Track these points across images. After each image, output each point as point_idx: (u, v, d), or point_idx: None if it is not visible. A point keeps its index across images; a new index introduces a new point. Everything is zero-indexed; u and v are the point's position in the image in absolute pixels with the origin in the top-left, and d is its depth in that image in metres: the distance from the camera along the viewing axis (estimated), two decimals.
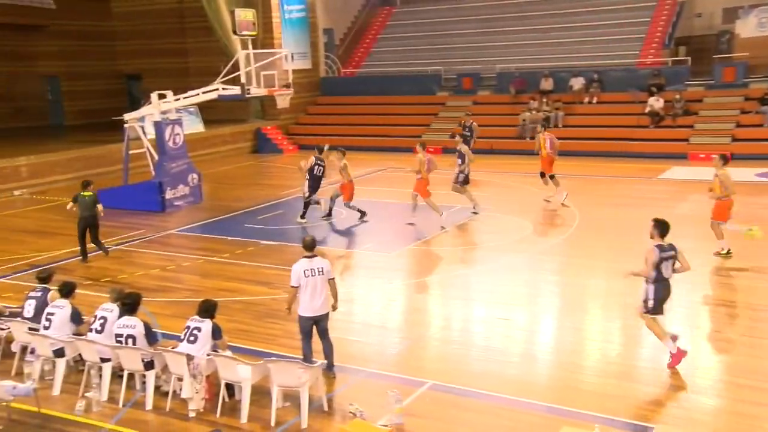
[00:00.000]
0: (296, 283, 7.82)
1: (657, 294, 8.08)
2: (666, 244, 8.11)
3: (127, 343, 7.66)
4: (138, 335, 7.68)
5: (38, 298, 8.73)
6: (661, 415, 7.05)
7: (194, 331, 7.56)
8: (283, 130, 27.88)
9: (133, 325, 7.73)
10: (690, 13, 26.94)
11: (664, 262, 8.03)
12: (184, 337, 7.60)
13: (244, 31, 17.17)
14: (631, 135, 22.81)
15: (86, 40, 31.15)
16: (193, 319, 7.69)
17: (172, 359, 7.46)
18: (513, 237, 13.63)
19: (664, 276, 8.05)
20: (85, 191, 12.90)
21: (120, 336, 7.72)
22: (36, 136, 26.60)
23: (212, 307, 7.72)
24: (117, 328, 7.78)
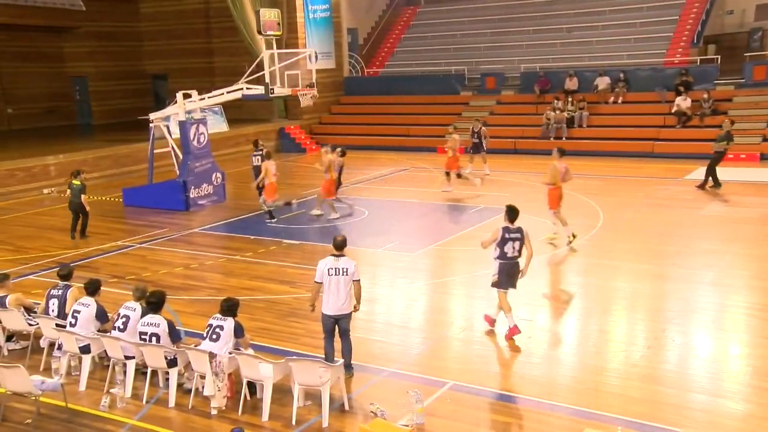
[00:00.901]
0: (320, 279, 7.87)
1: (500, 269, 9.03)
2: (513, 227, 9.00)
3: (151, 341, 7.75)
4: (162, 333, 7.77)
5: (59, 296, 8.87)
6: (685, 419, 6.93)
7: (216, 329, 7.61)
8: (306, 129, 27.99)
9: (156, 324, 7.81)
10: (721, 10, 26.49)
11: (508, 242, 8.94)
12: (206, 336, 7.66)
13: (269, 30, 17.28)
14: (657, 135, 22.51)
15: (114, 41, 31.61)
16: (215, 317, 7.74)
17: (195, 357, 7.53)
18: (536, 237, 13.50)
19: (508, 255, 8.97)
20: (75, 180, 14.37)
21: (144, 334, 7.81)
22: (64, 136, 27.08)
23: (234, 305, 7.76)
24: (141, 326, 7.87)
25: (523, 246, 8.98)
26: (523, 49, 27.62)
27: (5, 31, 28.20)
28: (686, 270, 11.41)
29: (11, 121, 29.48)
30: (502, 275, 9.01)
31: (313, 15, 27.80)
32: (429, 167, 21.96)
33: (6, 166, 19.60)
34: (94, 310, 8.29)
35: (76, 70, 31.27)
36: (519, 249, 8.98)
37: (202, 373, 7.51)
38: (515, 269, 9.05)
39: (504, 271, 9.01)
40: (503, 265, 9.01)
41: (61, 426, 7.29)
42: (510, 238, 8.94)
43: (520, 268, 9.07)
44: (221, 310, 7.72)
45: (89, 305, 8.32)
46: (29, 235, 15.34)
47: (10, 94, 29.39)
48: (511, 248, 8.95)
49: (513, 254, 8.98)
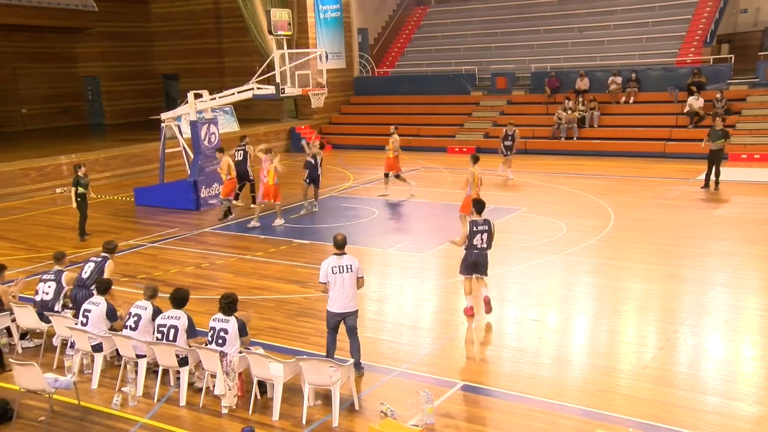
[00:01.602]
0: (324, 279, 7.90)
1: (465, 259, 9.69)
2: (480, 220, 9.65)
3: (169, 334, 7.76)
4: (180, 327, 7.78)
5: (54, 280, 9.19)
6: (698, 421, 6.89)
7: (221, 333, 7.51)
8: (316, 129, 28.03)
9: (177, 317, 7.83)
10: (734, 9, 26.27)
11: (477, 235, 9.58)
12: (212, 341, 7.55)
13: (280, 31, 17.32)
14: (669, 135, 22.37)
15: (126, 41, 31.80)
16: (216, 318, 7.64)
17: (206, 356, 7.56)
18: (547, 237, 13.49)
19: (477, 246, 9.60)
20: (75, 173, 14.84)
21: (163, 326, 7.78)
22: (77, 136, 27.31)
23: (234, 301, 7.68)
24: (161, 318, 7.87)
25: (491, 237, 9.66)
26: (533, 48, 27.53)
27: (19, 32, 28.46)
28: (698, 271, 11.33)
29: (25, 121, 29.73)
30: (466, 264, 9.71)
31: (324, 15, 27.85)
32: (439, 167, 21.93)
33: (20, 165, 19.77)
34: (105, 308, 8.34)
35: (88, 70, 31.50)
36: (487, 240, 9.62)
37: (212, 372, 7.54)
38: (481, 258, 9.69)
39: (469, 261, 9.68)
40: (470, 255, 9.66)
41: (74, 423, 7.35)
42: (478, 230, 9.59)
43: (487, 258, 9.73)
44: (221, 308, 7.64)
45: (100, 304, 8.37)
46: (42, 234, 15.46)
47: (24, 94, 29.64)
48: (480, 240, 9.59)
49: (482, 246, 9.63)
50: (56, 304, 9.21)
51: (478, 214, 9.72)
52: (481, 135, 25.13)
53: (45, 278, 9.35)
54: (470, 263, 9.70)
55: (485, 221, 9.68)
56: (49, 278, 9.31)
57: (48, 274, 9.40)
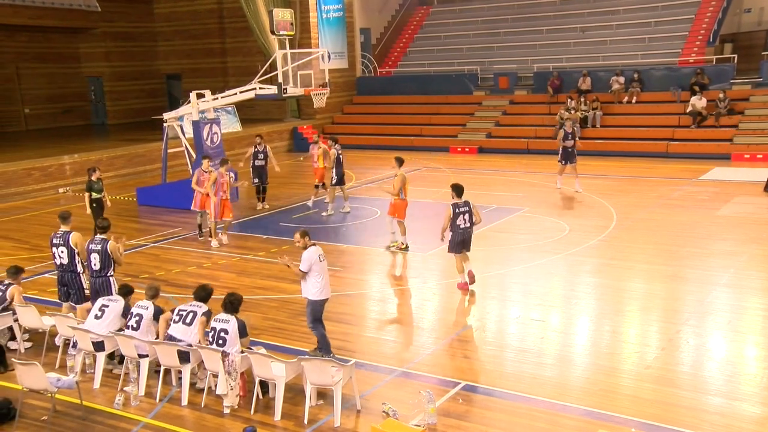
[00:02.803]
0: (307, 268, 8.13)
1: (453, 239, 10.61)
2: (461, 202, 10.55)
3: (186, 318, 7.86)
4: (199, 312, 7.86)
5: (99, 250, 9.00)
6: (700, 422, 6.87)
7: (221, 333, 7.48)
8: (319, 129, 28.03)
9: (226, 320, 7.64)
10: (738, 8, 26.21)
11: (459, 216, 10.51)
12: (212, 341, 7.52)
13: (282, 30, 17.32)
14: (672, 135, 22.34)
15: (129, 42, 31.85)
16: (217, 319, 7.60)
17: (208, 356, 7.56)
18: (549, 237, 13.48)
19: (461, 227, 10.54)
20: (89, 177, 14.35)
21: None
22: (80, 136, 27.36)
23: (238, 301, 7.68)
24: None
25: (473, 216, 10.60)
26: (536, 48, 27.51)
27: (23, 32, 28.53)
28: (701, 271, 11.31)
29: (28, 121, 29.79)
30: (455, 243, 10.62)
31: (326, 15, 27.86)
32: (442, 167, 21.92)
33: (23, 165, 19.81)
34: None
35: (91, 70, 31.56)
36: (470, 220, 10.56)
37: (214, 372, 7.55)
38: (467, 236, 10.66)
39: (456, 240, 10.60)
40: (456, 234, 10.56)
41: (76, 423, 7.36)
42: (460, 212, 10.53)
43: (471, 236, 10.72)
44: (224, 305, 7.61)
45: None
46: (45, 234, 15.41)
47: (27, 94, 29.69)
48: (463, 221, 10.52)
49: (465, 226, 10.55)
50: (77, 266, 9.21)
51: (458, 197, 10.58)
52: (484, 135, 25.13)
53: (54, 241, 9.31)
54: (458, 242, 10.60)
55: (465, 203, 10.57)
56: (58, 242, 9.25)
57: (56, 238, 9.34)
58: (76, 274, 9.26)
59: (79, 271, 9.25)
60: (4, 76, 28.74)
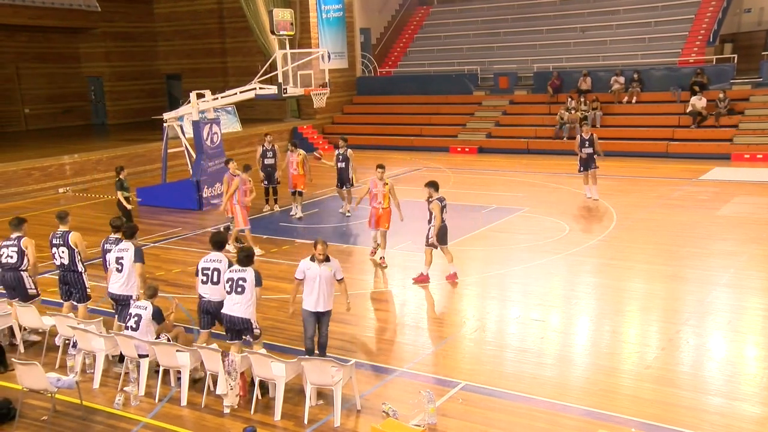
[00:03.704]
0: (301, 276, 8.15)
1: (440, 232, 10.82)
2: (442, 196, 10.87)
3: (213, 276, 8.13)
4: (222, 269, 8.10)
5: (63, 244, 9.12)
6: (700, 422, 6.87)
7: (239, 282, 7.76)
8: (318, 129, 28.05)
9: (219, 260, 8.23)
10: (738, 8, 26.21)
11: (444, 209, 10.82)
12: (231, 290, 7.78)
13: (282, 30, 17.34)
14: (672, 135, 22.34)
15: (129, 42, 31.85)
16: (234, 269, 7.86)
17: (208, 356, 7.57)
18: (549, 237, 13.48)
19: (444, 220, 10.80)
20: (117, 176, 14.53)
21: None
22: (80, 136, 27.35)
23: (252, 254, 8.06)
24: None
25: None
26: (536, 48, 27.51)
27: (23, 32, 28.53)
28: (701, 271, 11.31)
29: (28, 121, 29.79)
30: (441, 236, 10.89)
31: (326, 15, 27.87)
32: (442, 167, 21.92)
33: (23, 165, 19.81)
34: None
35: (91, 70, 31.56)
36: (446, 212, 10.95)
37: (214, 372, 7.55)
38: (447, 229, 11.01)
39: (442, 233, 10.88)
40: (442, 228, 10.85)
41: (76, 423, 7.36)
42: (445, 205, 10.89)
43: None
44: (239, 261, 7.90)
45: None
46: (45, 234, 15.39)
47: (27, 94, 29.69)
48: (445, 214, 10.93)
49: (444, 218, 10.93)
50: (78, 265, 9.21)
51: (436, 192, 10.89)
52: (484, 135, 25.13)
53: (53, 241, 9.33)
54: (442, 235, 10.94)
55: (440, 198, 10.91)
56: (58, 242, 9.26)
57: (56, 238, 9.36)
58: (78, 273, 9.25)
59: (80, 271, 9.24)
60: (4, 76, 28.73)
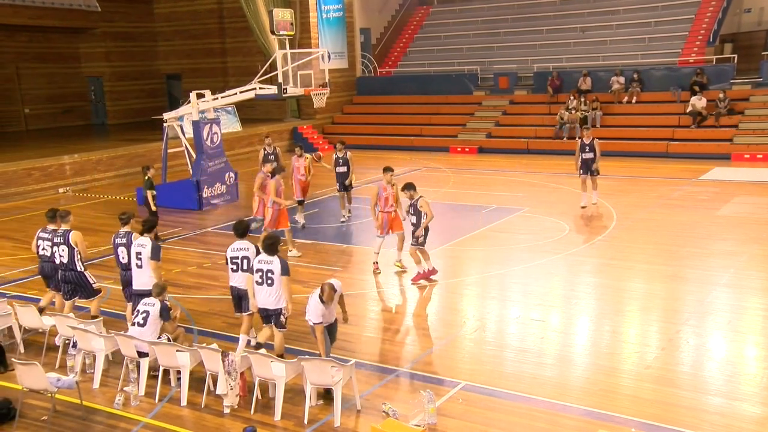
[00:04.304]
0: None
1: (426, 232, 11.08)
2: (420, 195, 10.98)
3: (243, 264, 8.40)
4: (251, 256, 8.33)
5: (125, 243, 9.09)
6: (700, 422, 6.87)
7: (269, 273, 7.90)
8: (318, 129, 28.06)
9: (246, 248, 8.46)
10: (738, 8, 26.21)
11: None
12: (261, 282, 7.92)
13: (282, 30, 17.34)
14: (672, 135, 22.34)
15: (129, 42, 31.86)
16: (261, 260, 7.99)
17: (208, 356, 7.57)
18: (549, 237, 13.48)
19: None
20: (145, 176, 14.61)
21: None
22: (80, 136, 27.37)
23: (277, 241, 8.20)
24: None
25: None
26: (536, 48, 27.52)
27: (23, 32, 28.53)
28: (701, 271, 11.31)
29: (28, 121, 29.79)
30: (426, 236, 11.11)
31: (326, 15, 27.87)
32: (442, 167, 21.92)
33: (23, 165, 19.81)
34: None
35: (91, 70, 31.56)
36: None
37: (214, 372, 7.55)
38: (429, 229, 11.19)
39: (426, 233, 11.12)
40: (427, 228, 11.07)
41: (76, 423, 7.36)
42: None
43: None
44: (265, 249, 8.02)
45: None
46: None
47: (27, 94, 29.69)
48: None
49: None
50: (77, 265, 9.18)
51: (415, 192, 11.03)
52: (484, 135, 25.13)
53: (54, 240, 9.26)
54: (427, 233, 11.15)
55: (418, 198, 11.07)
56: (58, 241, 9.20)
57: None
58: (78, 272, 9.23)
59: (80, 270, 9.23)
60: (4, 76, 28.74)
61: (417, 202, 11.00)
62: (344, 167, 15.22)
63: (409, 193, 11.03)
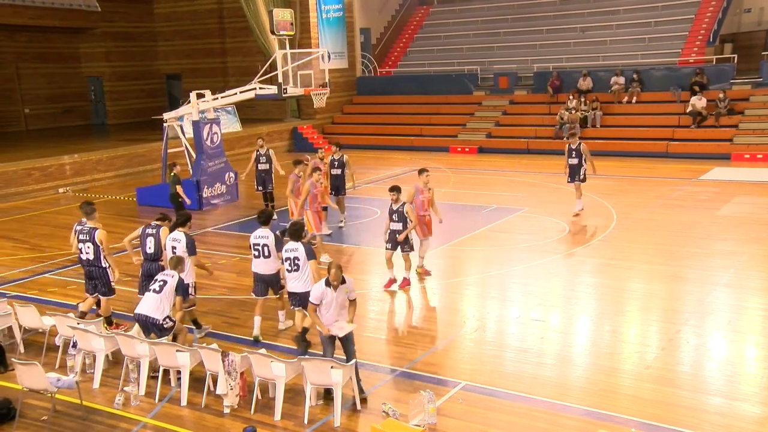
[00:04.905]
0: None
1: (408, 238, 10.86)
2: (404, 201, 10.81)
3: (264, 252, 8.95)
4: (270, 243, 8.91)
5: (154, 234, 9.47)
6: (701, 422, 6.87)
7: (296, 260, 8.39)
8: (318, 129, 28.06)
9: (266, 236, 9.01)
10: (738, 8, 26.21)
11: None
12: (290, 268, 8.41)
13: (282, 30, 17.34)
14: (672, 135, 22.34)
15: (129, 42, 31.85)
16: (287, 249, 8.44)
17: (208, 356, 7.57)
18: (549, 237, 13.48)
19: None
20: (171, 172, 14.75)
21: (257, 245, 8.95)
22: (80, 136, 27.36)
23: (302, 227, 8.84)
24: (253, 238, 9.01)
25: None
26: (536, 48, 27.51)
27: (23, 32, 28.53)
28: (701, 271, 11.31)
29: (28, 121, 29.80)
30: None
31: (326, 15, 27.87)
32: (442, 167, 21.92)
33: (23, 165, 19.81)
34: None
35: (91, 70, 31.56)
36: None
37: (214, 372, 7.55)
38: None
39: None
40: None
41: (76, 423, 7.36)
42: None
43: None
44: (289, 235, 8.63)
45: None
46: (45, 234, 15.49)
47: (27, 94, 29.69)
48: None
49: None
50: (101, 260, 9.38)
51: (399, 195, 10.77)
52: (484, 135, 25.13)
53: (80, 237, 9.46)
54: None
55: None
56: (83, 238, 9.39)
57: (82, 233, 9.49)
58: (103, 269, 9.39)
59: (104, 266, 9.38)
60: (4, 76, 28.73)
61: (403, 208, 10.65)
62: (339, 170, 14.66)
63: (395, 196, 10.66)
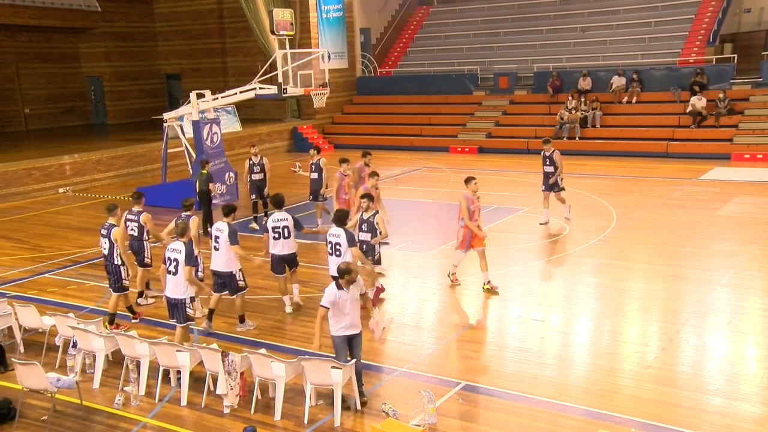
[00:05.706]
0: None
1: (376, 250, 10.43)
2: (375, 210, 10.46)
3: (284, 233, 9.79)
4: (290, 225, 9.79)
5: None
6: (701, 422, 6.87)
7: (337, 246, 8.98)
8: (318, 129, 28.06)
9: (285, 218, 9.83)
10: (738, 8, 26.21)
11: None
12: (332, 252, 9.06)
13: (282, 30, 17.34)
14: (672, 135, 22.34)
15: (129, 41, 31.87)
16: (331, 234, 9.04)
17: (208, 356, 7.57)
18: (549, 237, 13.48)
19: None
20: (203, 170, 14.53)
21: (277, 228, 9.79)
22: (80, 136, 27.38)
23: (345, 215, 9.37)
24: (273, 222, 9.81)
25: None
26: (536, 48, 27.51)
27: (23, 32, 28.54)
28: (701, 271, 11.31)
29: (28, 121, 29.80)
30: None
31: (326, 15, 27.87)
32: (442, 167, 21.93)
33: (23, 165, 19.81)
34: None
35: (91, 70, 31.56)
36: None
37: (214, 372, 7.55)
38: None
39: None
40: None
41: (76, 423, 7.36)
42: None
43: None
44: (334, 221, 9.14)
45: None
46: (45, 234, 15.49)
47: (27, 94, 29.70)
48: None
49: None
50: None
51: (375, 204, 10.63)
52: (484, 135, 25.14)
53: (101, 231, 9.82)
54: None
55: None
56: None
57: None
58: (115, 265, 9.62)
59: (117, 263, 9.60)
60: (4, 76, 28.74)
61: (374, 218, 9.95)
62: (316, 173, 14.51)
63: (366, 203, 9.98)
